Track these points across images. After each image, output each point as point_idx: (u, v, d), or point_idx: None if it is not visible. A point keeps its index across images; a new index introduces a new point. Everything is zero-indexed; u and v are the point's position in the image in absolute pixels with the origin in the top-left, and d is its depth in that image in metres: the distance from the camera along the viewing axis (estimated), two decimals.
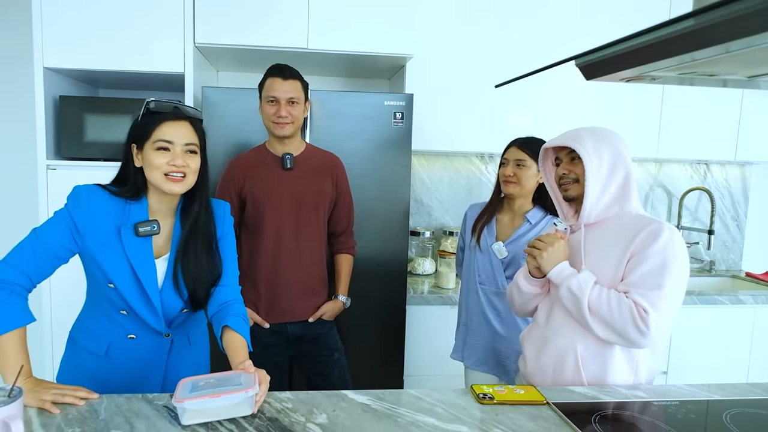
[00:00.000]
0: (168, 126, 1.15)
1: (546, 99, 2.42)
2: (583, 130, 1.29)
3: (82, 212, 1.14)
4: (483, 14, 2.34)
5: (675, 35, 0.82)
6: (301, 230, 1.71)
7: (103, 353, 1.22)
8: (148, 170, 1.15)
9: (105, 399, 1.07)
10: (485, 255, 1.70)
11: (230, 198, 1.69)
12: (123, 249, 1.15)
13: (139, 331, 1.23)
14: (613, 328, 1.16)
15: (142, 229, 1.15)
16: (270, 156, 1.72)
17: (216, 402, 0.96)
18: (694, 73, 0.92)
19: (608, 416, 1.07)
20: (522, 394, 1.15)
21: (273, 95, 1.63)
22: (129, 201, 1.18)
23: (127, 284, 1.17)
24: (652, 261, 1.16)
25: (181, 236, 1.22)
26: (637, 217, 1.25)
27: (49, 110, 2.01)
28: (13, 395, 0.86)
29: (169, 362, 1.27)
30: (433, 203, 2.81)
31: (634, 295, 1.15)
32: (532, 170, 1.64)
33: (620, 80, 1.01)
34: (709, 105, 2.58)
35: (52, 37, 1.95)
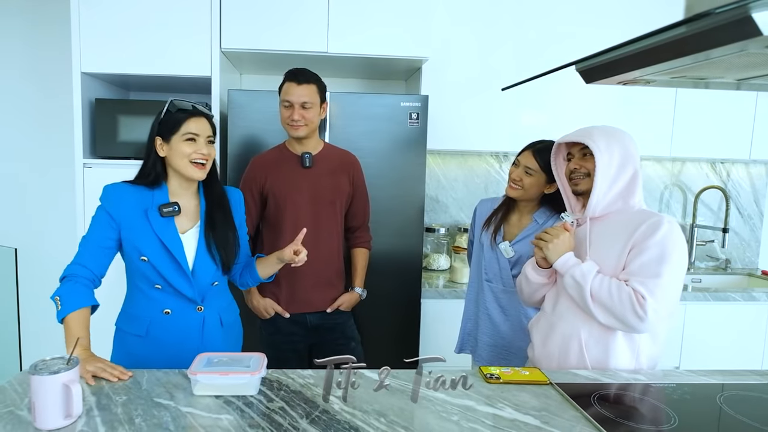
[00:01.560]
0: (193, 121, 1.36)
1: (560, 99, 2.48)
2: (595, 128, 1.36)
3: (114, 204, 1.36)
4: (496, 17, 2.42)
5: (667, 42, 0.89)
6: (319, 225, 1.79)
7: (144, 333, 1.39)
8: (176, 158, 1.35)
9: (146, 373, 1.18)
10: (493, 253, 1.71)
11: (252, 194, 1.79)
12: (151, 227, 1.36)
13: (173, 305, 1.40)
14: (613, 314, 1.24)
15: (165, 210, 1.36)
16: (290, 154, 1.81)
17: (224, 379, 1.08)
18: (684, 77, 0.99)
19: (607, 396, 1.15)
20: (527, 375, 1.23)
21: (288, 99, 1.72)
22: (151, 188, 1.38)
23: (157, 256, 1.36)
24: (651, 251, 1.23)
25: (207, 209, 1.43)
26: (639, 211, 1.33)
27: (86, 112, 2.15)
28: (72, 363, 0.98)
29: (204, 340, 1.42)
30: (449, 201, 2.89)
31: (634, 283, 1.23)
32: (538, 181, 1.61)
33: (617, 83, 1.09)
34: (723, 104, 2.60)
35: (88, 44, 2.09)
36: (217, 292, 1.47)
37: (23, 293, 2.56)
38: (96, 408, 1.02)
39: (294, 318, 1.82)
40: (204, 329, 1.42)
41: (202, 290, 1.41)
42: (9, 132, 2.56)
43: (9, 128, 2.56)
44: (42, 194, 2.60)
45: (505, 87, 1.34)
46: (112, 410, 1.02)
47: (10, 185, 2.59)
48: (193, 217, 1.42)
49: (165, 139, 1.36)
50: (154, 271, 1.35)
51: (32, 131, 2.56)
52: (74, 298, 1.26)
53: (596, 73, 1.03)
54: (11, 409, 1.01)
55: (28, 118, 2.55)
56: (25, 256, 2.58)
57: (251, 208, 1.79)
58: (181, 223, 1.40)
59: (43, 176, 2.59)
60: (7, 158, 2.57)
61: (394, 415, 1.03)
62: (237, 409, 1.04)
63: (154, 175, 1.37)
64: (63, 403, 0.94)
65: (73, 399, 0.94)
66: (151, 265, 1.35)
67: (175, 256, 1.36)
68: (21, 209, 2.60)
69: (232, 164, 2.08)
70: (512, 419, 1.04)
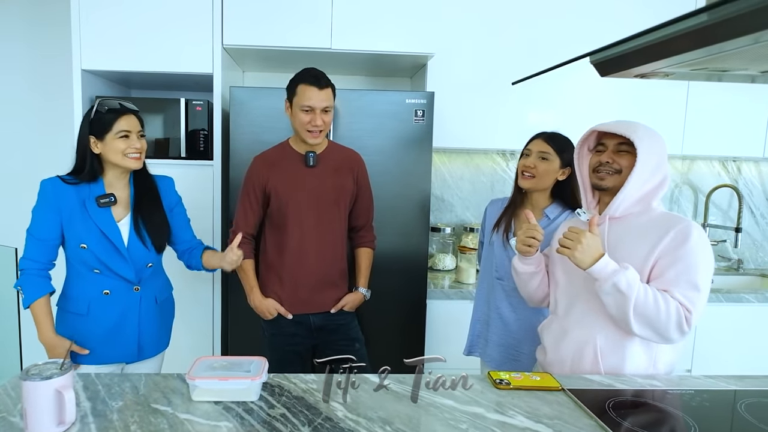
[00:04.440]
0: (124, 119, 1.47)
1: (568, 96, 2.43)
2: (640, 124, 1.27)
3: (54, 198, 1.46)
4: (503, 12, 2.37)
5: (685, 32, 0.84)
6: (322, 225, 1.76)
7: (85, 312, 1.50)
8: (112, 154, 1.46)
9: (144, 376, 1.15)
10: (505, 251, 1.68)
11: (255, 193, 1.76)
12: (90, 217, 1.47)
13: (112, 286, 1.51)
14: (653, 327, 1.17)
15: (102, 201, 1.48)
16: (293, 153, 1.76)
17: (223, 384, 1.04)
18: (706, 68, 0.94)
19: (623, 403, 1.10)
20: (538, 380, 1.19)
21: (309, 104, 1.64)
22: (88, 182, 1.48)
23: (96, 243, 1.47)
24: (686, 261, 1.17)
25: (136, 196, 1.55)
26: (662, 214, 1.26)
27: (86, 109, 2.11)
28: (65, 368, 0.94)
29: (141, 317, 1.56)
30: (454, 200, 2.84)
31: (677, 295, 1.16)
32: (553, 166, 1.59)
33: (634, 76, 1.04)
34: (736, 101, 2.54)
35: (89, 41, 2.06)
36: (153, 272, 1.59)
37: None
38: (91, 414, 0.99)
39: (297, 319, 1.78)
40: (141, 307, 1.55)
41: (138, 272, 1.53)
42: (8, 130, 2.54)
43: (8, 126, 2.53)
44: None
45: (516, 81, 1.30)
46: (108, 416, 0.98)
47: (10, 184, 2.56)
48: (126, 206, 1.54)
49: (98, 138, 1.45)
50: (94, 257, 1.47)
51: (32, 129, 2.53)
52: (34, 289, 1.45)
53: (612, 65, 0.99)
54: (3, 415, 0.97)
55: (27, 116, 2.53)
56: None
57: (254, 207, 1.77)
58: (116, 212, 1.51)
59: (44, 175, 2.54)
60: (7, 157, 2.55)
61: (400, 423, 0.99)
62: (237, 416, 1.00)
63: (90, 171, 1.47)
64: (56, 410, 0.90)
65: (66, 405, 0.90)
66: (91, 251, 1.47)
67: (113, 242, 1.48)
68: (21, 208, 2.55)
69: (234, 162, 2.05)
70: (523, 427, 0.99)
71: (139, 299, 1.55)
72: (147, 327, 1.57)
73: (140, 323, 1.56)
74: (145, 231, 1.53)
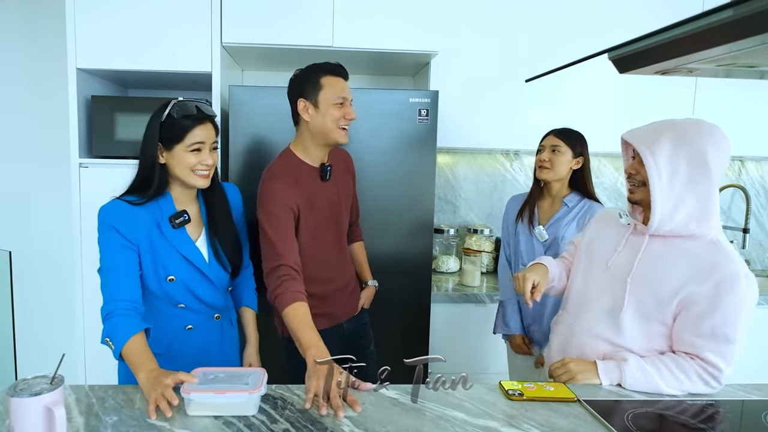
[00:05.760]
0: (199, 129, 1.24)
1: (572, 95, 2.38)
2: (669, 128, 1.13)
3: (125, 224, 1.22)
4: (508, 10, 2.32)
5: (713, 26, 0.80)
6: (341, 235, 1.66)
7: (164, 351, 1.28)
8: (178, 168, 1.25)
9: (140, 390, 1.09)
10: (528, 239, 1.86)
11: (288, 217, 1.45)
12: (169, 242, 1.26)
13: (195, 320, 1.33)
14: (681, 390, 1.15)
15: (177, 221, 1.27)
16: (304, 166, 1.53)
17: (220, 398, 0.98)
18: (733, 64, 0.89)
19: (642, 414, 1.05)
20: (552, 391, 1.14)
21: (343, 95, 1.45)
22: (155, 199, 1.27)
23: (183, 272, 1.27)
24: (727, 313, 1.09)
25: (209, 214, 1.35)
26: (712, 245, 1.13)
27: (82, 110, 2.06)
28: (56, 382, 0.89)
29: (224, 346, 1.40)
30: (458, 201, 2.79)
31: (706, 353, 1.11)
32: (566, 156, 1.76)
33: (655, 73, 0.99)
34: (743, 99, 2.50)
35: (84, 39, 2.00)
36: (229, 294, 1.44)
37: (18, 297, 2.48)
38: (83, 430, 0.94)
39: (330, 330, 1.62)
40: (223, 335, 1.40)
41: (223, 297, 1.38)
42: (1, 131, 2.47)
43: (1, 127, 2.47)
44: (36, 195, 2.51)
45: (529, 78, 1.25)
46: None
47: (4, 186, 2.50)
48: (198, 223, 1.34)
49: (166, 147, 1.24)
50: (183, 289, 1.27)
51: (26, 130, 2.47)
52: (122, 331, 1.14)
53: (632, 61, 0.94)
54: None
55: (21, 117, 2.46)
56: (19, 260, 2.49)
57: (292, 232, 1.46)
58: (190, 233, 1.31)
59: (38, 177, 2.50)
60: (0, 158, 2.49)
61: None
62: (237, 431, 0.95)
63: (157, 184, 1.25)
64: (45, 428, 0.85)
65: (57, 423, 0.85)
66: (180, 283, 1.26)
67: (199, 268, 1.28)
68: (15, 211, 2.52)
69: (233, 163, 1.99)
70: None
71: (221, 327, 1.39)
72: (228, 354, 1.41)
73: (223, 352, 1.39)
74: (221, 250, 1.33)
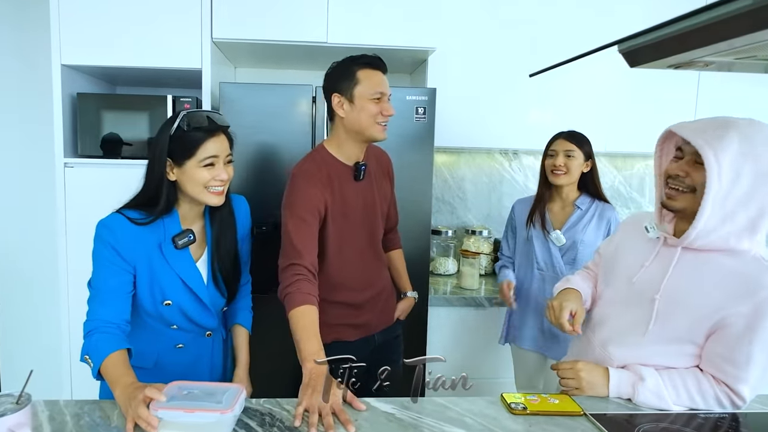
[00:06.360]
0: (212, 141, 1.15)
1: (571, 94, 2.32)
2: (733, 127, 0.98)
3: (124, 243, 1.14)
4: (507, 5, 2.26)
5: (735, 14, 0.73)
6: (375, 240, 1.55)
7: (150, 366, 1.23)
8: (190, 185, 1.16)
9: (117, 407, 1.02)
10: (543, 243, 1.83)
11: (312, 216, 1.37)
12: (169, 264, 1.18)
13: (185, 339, 1.27)
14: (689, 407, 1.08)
15: (180, 242, 1.18)
16: (340, 166, 1.44)
17: (189, 417, 0.91)
18: (754, 56, 0.83)
19: (652, 429, 0.99)
20: (557, 404, 1.08)
21: (381, 90, 1.36)
22: (161, 217, 1.18)
23: (181, 297, 1.20)
24: (762, 339, 0.99)
25: (213, 236, 1.26)
26: (755, 263, 1.01)
27: (67, 108, 1.99)
28: (22, 401, 0.82)
29: (213, 363, 1.35)
30: (455, 201, 2.73)
31: (738, 385, 1.03)
32: (579, 160, 1.76)
33: (667, 67, 0.93)
34: (747, 97, 2.44)
35: (69, 34, 1.93)
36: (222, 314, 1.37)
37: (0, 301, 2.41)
38: None
39: (361, 341, 1.54)
40: (213, 351, 1.35)
41: (216, 319, 1.31)
42: None
43: None
44: (19, 197, 2.43)
45: (533, 73, 1.18)
46: None
47: None
48: (201, 242, 1.25)
49: (176, 162, 1.15)
50: (178, 313, 1.21)
51: (8, 128, 2.39)
52: (102, 348, 1.07)
53: (644, 54, 0.88)
54: None
55: (3, 115, 2.38)
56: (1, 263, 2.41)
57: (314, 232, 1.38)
58: (192, 252, 1.23)
59: (21, 177, 2.42)
60: None
61: None
62: None
63: (165, 203, 1.16)
64: None
65: None
66: (176, 307, 1.20)
67: (195, 292, 1.21)
68: None
69: None
70: None
71: (211, 344, 1.33)
72: (218, 369, 1.36)
73: (212, 368, 1.34)
74: (219, 273, 1.25)
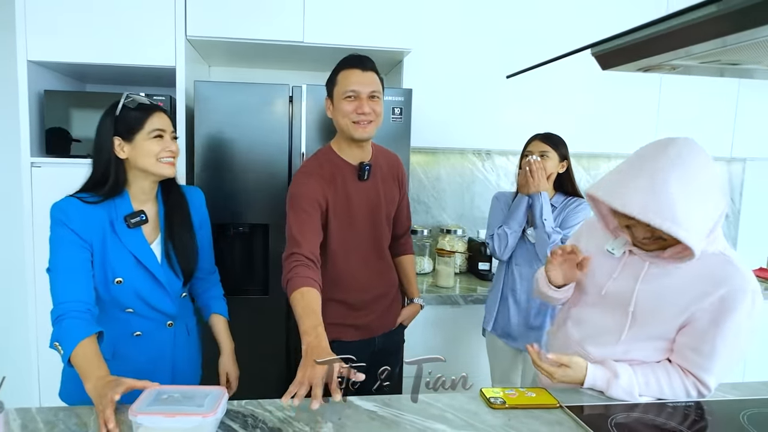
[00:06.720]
0: (157, 116, 1.23)
1: (542, 95, 2.38)
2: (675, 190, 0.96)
3: (78, 222, 1.17)
4: (482, 8, 2.30)
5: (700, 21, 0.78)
6: (378, 241, 1.54)
7: (109, 357, 1.20)
8: (143, 158, 1.21)
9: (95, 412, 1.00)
10: (521, 241, 1.86)
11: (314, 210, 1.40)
12: (122, 242, 1.21)
13: (144, 326, 1.28)
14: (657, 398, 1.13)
15: (132, 221, 1.22)
16: (344, 164, 1.46)
17: (170, 422, 0.89)
18: (718, 61, 0.87)
19: (625, 420, 1.03)
20: (534, 397, 1.11)
21: (353, 89, 1.38)
22: (111, 198, 1.22)
23: (133, 274, 1.22)
24: (726, 331, 1.04)
25: (167, 217, 1.30)
26: (718, 258, 1.05)
27: (33, 105, 1.92)
28: None
29: (175, 354, 1.33)
30: (430, 201, 2.76)
31: (704, 375, 1.08)
32: (553, 161, 1.79)
33: (637, 70, 0.97)
34: (705, 101, 2.56)
35: (36, 29, 1.86)
36: (185, 302, 1.39)
37: None
38: None
39: (362, 343, 1.54)
40: (175, 343, 1.34)
41: (175, 303, 1.31)
42: None
43: None
44: None
45: (510, 74, 1.21)
46: None
47: None
48: (156, 225, 1.29)
49: (126, 139, 1.20)
50: (131, 293, 1.22)
51: None
52: (72, 334, 1.07)
53: (615, 57, 0.91)
54: None
55: None
56: None
57: (315, 223, 1.39)
58: (146, 233, 1.26)
59: None
60: None
61: None
62: None
63: (113, 181, 1.20)
64: None
65: None
66: (128, 286, 1.21)
67: (151, 271, 1.24)
68: None
69: (199, 162, 1.90)
70: None
71: (173, 335, 1.33)
72: (181, 363, 1.35)
73: (174, 362, 1.33)
74: (174, 255, 1.28)
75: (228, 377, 1.43)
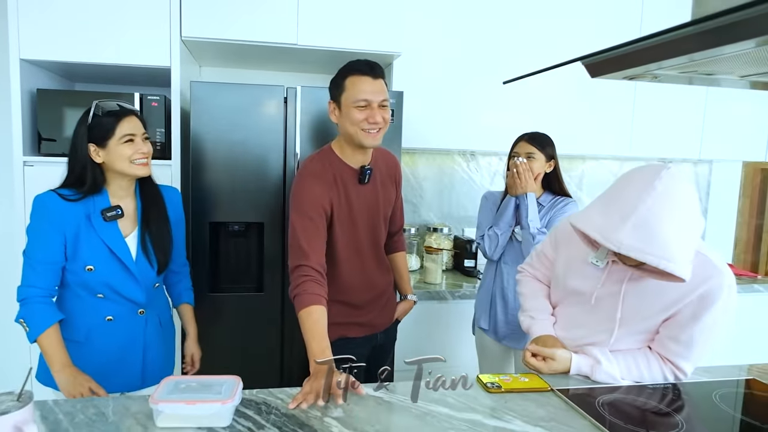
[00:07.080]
0: (126, 121, 1.34)
1: (525, 99, 2.47)
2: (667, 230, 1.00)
3: (56, 215, 1.30)
4: (470, 12, 2.38)
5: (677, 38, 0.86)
6: (377, 242, 1.59)
7: (83, 340, 1.36)
8: (117, 162, 1.33)
9: (111, 401, 1.04)
10: (509, 240, 1.90)
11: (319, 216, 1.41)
12: (96, 233, 1.33)
13: (116, 312, 1.38)
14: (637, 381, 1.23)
15: (109, 214, 1.34)
16: (343, 167, 1.48)
17: (190, 409, 0.94)
18: (695, 71, 0.97)
19: (611, 401, 1.12)
20: (527, 382, 1.19)
21: (365, 98, 1.38)
22: (91, 195, 1.34)
23: (104, 263, 1.34)
24: (705, 324, 1.13)
25: (144, 211, 1.42)
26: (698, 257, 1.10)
27: (26, 104, 1.92)
28: (24, 399, 0.83)
29: (146, 342, 1.44)
30: (417, 200, 2.84)
31: (681, 362, 1.19)
32: (540, 162, 1.83)
33: (623, 78, 1.06)
34: (675, 104, 2.69)
35: (29, 27, 1.86)
36: (158, 293, 1.50)
37: None
38: None
39: (364, 338, 1.60)
40: (146, 332, 1.44)
41: (146, 293, 1.42)
42: None
43: None
44: None
45: (507, 80, 1.29)
46: None
47: None
48: (133, 220, 1.42)
49: (99, 145, 1.32)
50: (100, 280, 1.34)
51: None
52: (40, 319, 1.28)
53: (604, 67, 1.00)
54: None
55: None
56: None
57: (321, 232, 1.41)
58: (123, 227, 1.39)
59: None
60: None
61: None
62: None
63: (92, 182, 1.33)
64: None
65: None
66: (98, 274, 1.33)
67: (123, 261, 1.35)
68: None
69: (194, 162, 1.93)
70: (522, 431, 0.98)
71: (145, 323, 1.44)
72: (152, 353, 1.46)
73: (145, 349, 1.44)
74: (151, 247, 1.41)
75: (192, 358, 1.62)
